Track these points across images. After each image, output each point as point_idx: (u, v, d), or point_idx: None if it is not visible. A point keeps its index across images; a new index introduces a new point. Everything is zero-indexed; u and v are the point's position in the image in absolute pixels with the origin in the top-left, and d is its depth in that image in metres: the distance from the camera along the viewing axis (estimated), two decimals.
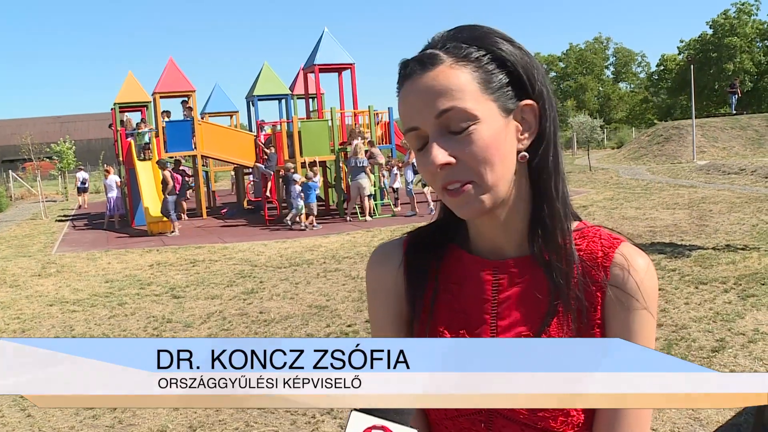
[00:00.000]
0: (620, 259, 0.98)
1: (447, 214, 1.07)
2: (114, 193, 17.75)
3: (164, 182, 14.62)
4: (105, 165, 20.36)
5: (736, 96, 31.68)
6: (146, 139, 17.52)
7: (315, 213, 14.42)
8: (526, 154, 0.98)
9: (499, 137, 0.94)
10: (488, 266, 1.03)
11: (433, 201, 15.02)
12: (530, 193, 1.00)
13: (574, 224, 1.04)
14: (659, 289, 7.08)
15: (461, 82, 0.92)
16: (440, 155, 0.92)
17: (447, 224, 1.08)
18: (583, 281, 0.98)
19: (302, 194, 14.25)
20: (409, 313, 1.07)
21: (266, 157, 17.07)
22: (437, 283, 1.06)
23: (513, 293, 1.01)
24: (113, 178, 18.12)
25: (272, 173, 17.14)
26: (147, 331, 7.03)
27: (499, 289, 1.02)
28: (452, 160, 0.92)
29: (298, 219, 14.40)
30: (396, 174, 16.69)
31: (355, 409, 0.79)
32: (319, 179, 15.33)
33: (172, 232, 14.59)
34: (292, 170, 14.61)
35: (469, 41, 0.95)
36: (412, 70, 0.95)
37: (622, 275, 0.97)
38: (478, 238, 1.05)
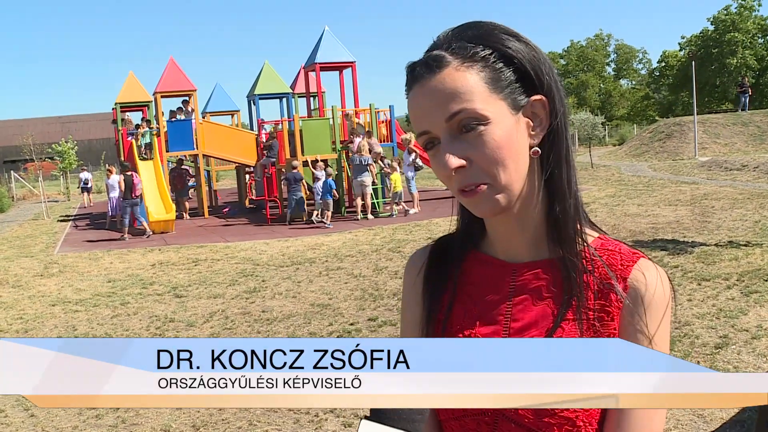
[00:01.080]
0: (639, 275, 0.97)
1: (467, 217, 1.08)
2: (116, 193, 17.72)
3: (125, 186, 14.49)
4: (108, 165, 20.37)
5: (748, 95, 31.09)
6: (147, 138, 17.53)
7: (331, 210, 14.46)
8: (537, 149, 0.97)
9: (511, 136, 0.93)
10: (506, 268, 1.03)
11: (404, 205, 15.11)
12: (544, 187, 1.00)
13: (595, 235, 1.03)
14: None
15: (469, 84, 0.91)
16: (453, 159, 0.92)
17: (470, 229, 1.08)
18: (602, 289, 0.97)
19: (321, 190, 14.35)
20: (425, 317, 1.07)
21: (266, 153, 17.03)
22: (455, 286, 1.06)
23: (529, 295, 1.00)
24: (115, 178, 18.11)
25: (273, 162, 17.05)
26: (150, 331, 7.03)
27: (515, 291, 1.01)
28: (465, 162, 0.92)
29: (319, 215, 14.48)
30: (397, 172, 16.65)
31: (364, 418, 0.79)
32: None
33: (122, 237, 14.39)
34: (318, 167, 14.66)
35: (475, 40, 0.94)
36: (419, 73, 0.94)
37: (642, 290, 0.97)
38: (496, 240, 1.05)
